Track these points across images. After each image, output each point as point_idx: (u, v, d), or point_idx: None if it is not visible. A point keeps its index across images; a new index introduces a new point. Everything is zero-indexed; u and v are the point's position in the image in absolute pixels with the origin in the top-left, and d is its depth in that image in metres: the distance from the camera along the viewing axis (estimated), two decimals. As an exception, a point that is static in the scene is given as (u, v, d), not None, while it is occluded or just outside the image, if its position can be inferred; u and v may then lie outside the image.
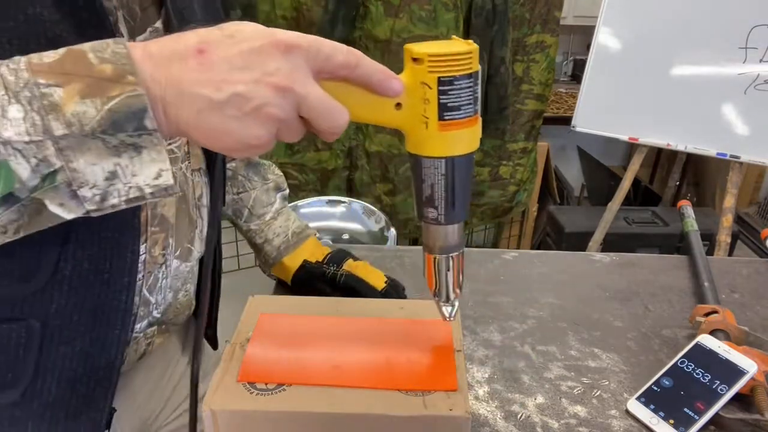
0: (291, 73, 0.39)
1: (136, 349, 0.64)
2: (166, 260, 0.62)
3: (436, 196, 0.47)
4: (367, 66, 0.42)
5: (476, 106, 0.45)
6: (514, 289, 0.94)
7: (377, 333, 0.60)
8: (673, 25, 1.88)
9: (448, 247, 0.51)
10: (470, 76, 0.44)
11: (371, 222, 1.95)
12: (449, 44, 0.44)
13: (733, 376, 0.69)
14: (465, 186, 0.48)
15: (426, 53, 0.43)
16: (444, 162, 0.46)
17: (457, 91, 0.43)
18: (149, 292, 0.62)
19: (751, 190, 3.34)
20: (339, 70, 0.41)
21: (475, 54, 0.44)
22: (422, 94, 0.44)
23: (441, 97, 0.43)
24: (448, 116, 0.44)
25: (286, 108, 0.39)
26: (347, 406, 0.51)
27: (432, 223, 0.50)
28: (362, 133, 2.19)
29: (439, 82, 0.43)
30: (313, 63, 0.40)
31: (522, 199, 2.57)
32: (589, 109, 2.05)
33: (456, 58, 0.43)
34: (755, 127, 1.81)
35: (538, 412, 0.69)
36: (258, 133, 0.39)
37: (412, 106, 0.45)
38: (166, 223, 0.60)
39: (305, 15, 1.95)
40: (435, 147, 0.46)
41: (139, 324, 0.62)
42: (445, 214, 0.49)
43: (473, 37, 2.06)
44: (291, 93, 0.39)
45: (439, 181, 0.47)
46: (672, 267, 1.02)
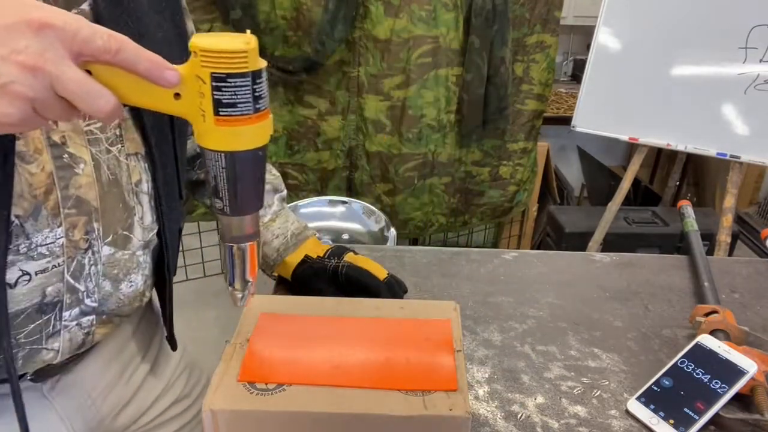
0: (42, 53, 0.39)
1: (70, 339, 0.62)
2: (91, 246, 0.60)
3: (220, 187, 0.48)
4: (130, 53, 0.42)
5: (258, 104, 0.45)
6: (514, 289, 0.94)
7: (377, 333, 0.60)
8: (673, 25, 1.88)
9: (237, 238, 0.52)
10: (246, 74, 0.43)
11: (371, 222, 1.95)
12: (229, 40, 0.43)
13: (733, 376, 0.69)
14: (250, 180, 0.48)
15: (198, 47, 0.42)
16: (224, 156, 0.46)
17: (232, 88, 0.43)
18: (74, 278, 0.59)
19: (751, 190, 3.34)
20: (100, 55, 0.41)
21: (252, 53, 0.43)
22: (198, 87, 0.43)
23: (215, 93, 0.43)
24: (224, 112, 0.44)
25: (36, 87, 0.39)
26: (347, 406, 0.51)
27: (219, 213, 0.50)
28: (362, 133, 2.19)
29: (212, 77, 0.43)
30: (71, 45, 0.40)
31: (522, 199, 2.57)
32: (589, 109, 2.05)
33: (228, 55, 0.42)
34: (755, 127, 1.81)
35: (538, 412, 0.69)
36: (6, 110, 0.39)
37: (191, 98, 0.44)
38: (86, 206, 0.58)
39: (305, 15, 1.95)
40: (213, 140, 0.46)
41: (68, 312, 0.60)
42: (230, 206, 0.49)
43: (473, 37, 2.07)
44: (41, 72, 0.39)
45: (221, 173, 0.47)
46: (672, 267, 1.02)
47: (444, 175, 2.32)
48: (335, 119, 2.15)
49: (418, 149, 2.22)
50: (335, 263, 0.83)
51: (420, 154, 2.24)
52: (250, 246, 0.53)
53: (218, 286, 0.72)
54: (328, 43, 1.96)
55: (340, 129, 2.17)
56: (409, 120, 2.16)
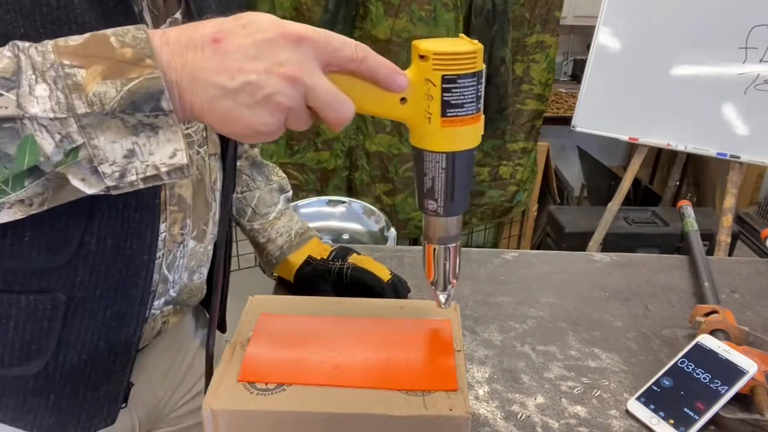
0: (300, 64, 0.41)
1: (153, 327, 0.67)
2: (183, 239, 0.65)
3: (437, 188, 0.49)
4: (373, 61, 0.44)
5: (479, 104, 0.46)
6: (514, 289, 0.94)
7: (377, 333, 0.60)
8: (673, 25, 1.88)
9: (447, 238, 0.53)
10: (474, 75, 0.45)
11: (371, 222, 1.95)
12: (455, 43, 0.45)
13: (733, 376, 0.69)
14: (465, 180, 0.49)
15: (431, 51, 0.44)
16: (445, 156, 0.47)
17: (460, 89, 0.44)
18: (168, 269, 0.64)
19: (751, 190, 3.34)
20: (347, 64, 0.43)
21: (480, 53, 0.45)
22: (426, 90, 0.45)
23: (444, 95, 0.44)
24: (451, 113, 0.45)
25: (294, 97, 0.41)
26: (347, 406, 0.51)
27: (432, 215, 0.51)
28: (362, 133, 2.19)
29: (443, 79, 0.44)
30: (322, 55, 0.42)
31: (522, 199, 2.57)
32: (589, 109, 2.05)
33: (460, 56, 0.44)
34: (755, 127, 1.81)
35: (538, 412, 0.69)
36: (267, 120, 0.41)
37: (417, 101, 0.45)
38: (184, 203, 0.63)
39: (305, 15, 1.95)
40: (437, 142, 0.46)
41: (158, 301, 0.65)
42: (444, 207, 0.50)
43: (473, 37, 2.07)
44: (299, 83, 0.41)
45: (440, 174, 0.48)
46: (672, 267, 1.02)
47: (444, 175, 2.32)
48: (335, 119, 2.15)
49: (418, 149, 2.22)
50: (339, 265, 0.84)
51: (420, 154, 2.24)
52: (454, 247, 0.53)
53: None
54: (328, 43, 1.96)
55: (340, 129, 2.17)
56: (409, 120, 2.16)
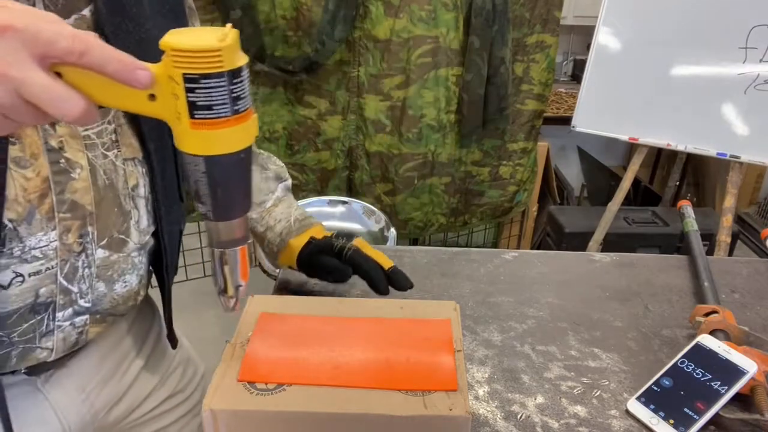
0: (4, 57, 0.37)
1: (64, 338, 0.63)
2: (85, 249, 0.60)
3: (201, 192, 0.45)
4: (97, 54, 0.39)
5: (236, 106, 0.42)
6: (514, 289, 0.94)
7: (377, 333, 0.60)
8: (673, 25, 1.88)
9: (224, 242, 0.50)
10: (222, 75, 0.40)
11: (371, 222, 1.95)
12: (202, 37, 0.40)
13: (733, 376, 0.69)
14: (233, 184, 0.45)
15: (169, 46, 0.39)
16: (203, 160, 0.43)
17: (206, 89, 0.40)
18: (67, 280, 0.60)
19: (751, 190, 3.34)
20: (65, 57, 0.39)
21: (228, 51, 0.40)
22: (172, 88, 0.41)
23: (189, 95, 0.40)
24: (200, 115, 0.41)
25: (1, 94, 0.38)
26: (347, 406, 0.51)
27: (205, 218, 0.48)
28: (362, 133, 2.19)
29: (185, 78, 0.40)
30: (33, 47, 0.38)
31: (522, 199, 2.57)
32: (589, 109, 2.05)
33: (201, 54, 0.39)
34: (755, 127, 1.81)
35: (538, 412, 0.69)
36: None
37: (166, 99, 0.41)
38: (81, 210, 0.59)
39: (305, 15, 1.95)
40: (191, 144, 0.43)
41: (62, 312, 0.61)
42: (214, 211, 0.47)
43: (473, 37, 2.07)
44: (4, 78, 0.37)
45: (201, 178, 0.44)
46: (672, 267, 1.02)
47: (444, 175, 2.32)
48: (335, 119, 2.15)
49: (418, 149, 2.22)
50: (342, 243, 0.79)
51: (420, 154, 2.24)
52: (240, 250, 0.51)
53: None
54: (328, 43, 1.96)
55: (340, 129, 2.17)
56: (409, 120, 2.16)
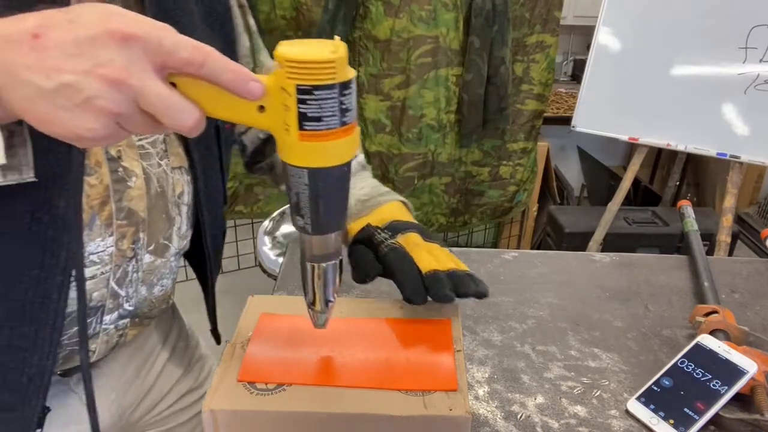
0: (127, 66, 0.37)
1: (107, 341, 0.65)
2: (136, 254, 0.62)
3: (302, 205, 0.45)
4: (215, 65, 0.39)
5: (345, 117, 0.42)
6: (514, 289, 0.94)
7: (377, 333, 0.60)
8: (673, 25, 1.88)
9: (317, 257, 0.49)
10: (333, 86, 0.40)
11: (371, 222, 1.94)
12: (316, 49, 0.41)
13: (733, 376, 0.69)
14: (335, 198, 0.45)
15: (284, 57, 0.40)
16: (307, 172, 0.43)
17: (318, 101, 0.40)
18: (118, 285, 0.62)
19: (751, 190, 3.34)
20: (184, 67, 0.39)
21: (341, 63, 0.40)
22: (283, 99, 0.41)
23: (300, 106, 0.40)
24: (309, 126, 0.41)
25: (119, 102, 0.37)
26: (347, 406, 0.51)
27: (301, 231, 0.48)
28: (362, 133, 2.19)
29: (298, 90, 0.40)
30: (153, 56, 0.38)
31: (522, 199, 2.57)
32: (589, 109, 2.05)
33: (315, 66, 0.39)
34: (755, 127, 1.81)
35: (538, 412, 0.69)
36: (90, 125, 0.38)
37: (275, 110, 0.42)
38: (135, 217, 0.60)
39: (305, 15, 1.95)
40: (297, 156, 0.43)
41: (108, 316, 0.63)
42: (312, 224, 0.46)
43: (473, 37, 2.07)
44: (125, 86, 0.37)
45: (304, 190, 0.44)
46: (672, 267, 1.02)
47: (444, 175, 2.32)
48: (335, 119, 2.15)
49: (418, 149, 2.22)
50: (382, 239, 0.67)
51: (420, 154, 2.24)
52: (332, 265, 0.50)
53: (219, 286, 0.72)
54: (328, 43, 1.96)
55: (340, 129, 2.17)
56: (409, 120, 2.16)
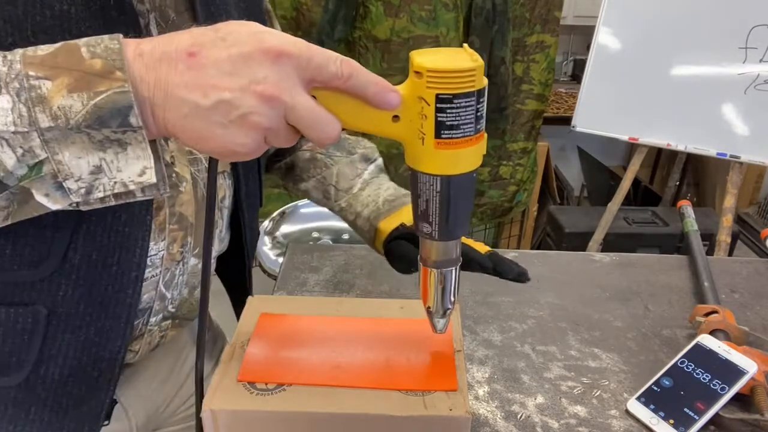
0: (279, 82, 0.38)
1: (149, 341, 0.66)
2: (183, 258, 0.64)
3: (431, 212, 0.46)
4: (361, 77, 0.41)
5: (479, 125, 0.43)
6: (514, 289, 0.94)
7: (377, 333, 0.60)
8: (673, 25, 1.88)
9: (442, 262, 0.50)
10: (472, 94, 0.41)
11: (371, 222, 1.94)
12: (454, 57, 0.42)
13: (733, 376, 0.69)
14: (463, 204, 0.46)
15: (426, 67, 0.40)
16: (440, 180, 0.44)
17: (457, 109, 0.41)
18: (165, 287, 0.63)
19: (751, 190, 3.34)
20: (331, 81, 0.40)
21: (480, 71, 0.41)
22: (420, 109, 0.42)
23: (438, 115, 0.41)
24: (446, 134, 0.42)
25: (272, 117, 0.39)
26: (347, 406, 0.51)
27: (427, 237, 0.48)
28: (362, 133, 2.18)
29: (437, 99, 0.41)
30: (304, 72, 0.39)
31: (522, 199, 2.57)
32: (589, 109, 2.05)
33: (457, 74, 0.40)
34: (755, 127, 1.81)
35: (538, 412, 0.69)
36: (243, 140, 0.39)
37: (410, 119, 0.42)
38: (185, 221, 0.62)
39: (305, 15, 1.95)
40: (431, 164, 0.43)
41: (155, 317, 0.64)
42: (440, 231, 0.47)
43: (473, 37, 2.06)
44: (278, 102, 0.39)
45: (434, 197, 0.45)
46: (672, 267, 1.02)
47: (444, 175, 2.32)
48: (335, 119, 2.15)
49: (418, 149, 2.22)
50: None
51: (420, 154, 2.24)
52: (451, 271, 0.51)
53: (218, 286, 0.71)
54: (328, 43, 1.96)
55: (340, 129, 2.17)
56: (409, 120, 2.16)
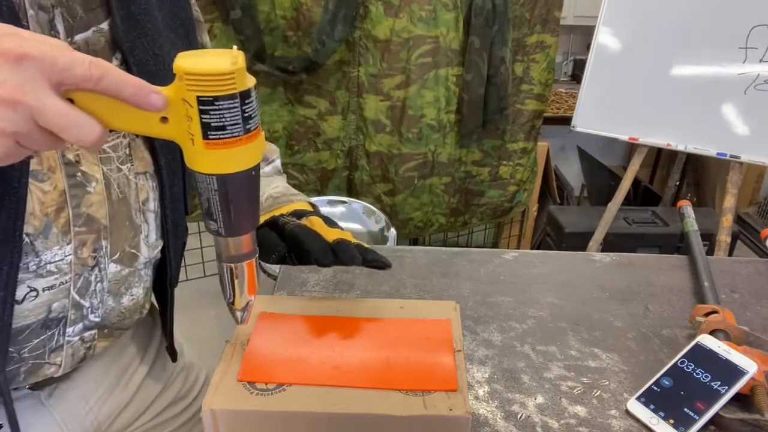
0: (21, 86, 0.37)
1: (73, 353, 0.63)
2: (98, 263, 0.60)
3: (213, 210, 0.46)
4: (113, 79, 0.40)
5: (248, 125, 0.43)
6: (514, 289, 0.94)
7: (377, 333, 0.60)
8: (673, 25, 1.88)
9: (233, 257, 0.51)
10: (234, 96, 0.41)
11: (371, 222, 1.96)
12: (215, 60, 0.42)
13: (733, 376, 0.69)
14: (244, 201, 0.47)
15: (183, 70, 0.41)
16: (215, 179, 0.44)
17: (220, 111, 0.41)
18: (80, 295, 0.60)
19: (751, 190, 3.34)
20: (82, 83, 0.39)
21: (240, 73, 0.41)
22: (185, 110, 0.42)
23: (203, 116, 0.41)
24: (213, 135, 0.42)
25: (17, 121, 0.37)
26: (347, 406, 0.51)
27: (215, 234, 0.49)
28: (362, 133, 2.19)
29: (199, 101, 0.41)
30: (49, 75, 0.38)
31: (522, 199, 2.57)
32: (589, 109, 2.05)
33: (214, 78, 0.40)
34: (755, 127, 1.81)
35: (538, 412, 0.69)
36: None
37: (178, 121, 0.43)
38: (95, 224, 0.59)
39: (305, 15, 1.95)
40: (204, 164, 0.44)
41: (72, 327, 0.61)
42: (225, 227, 0.48)
43: (473, 37, 2.07)
44: (21, 106, 0.37)
45: (214, 196, 0.45)
46: (672, 267, 1.02)
47: (444, 175, 2.32)
48: (335, 119, 2.15)
49: (418, 149, 2.22)
50: (285, 221, 0.70)
51: (420, 154, 2.24)
52: (248, 264, 0.52)
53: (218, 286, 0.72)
54: (328, 43, 1.96)
55: (340, 129, 2.17)
56: (409, 120, 2.16)
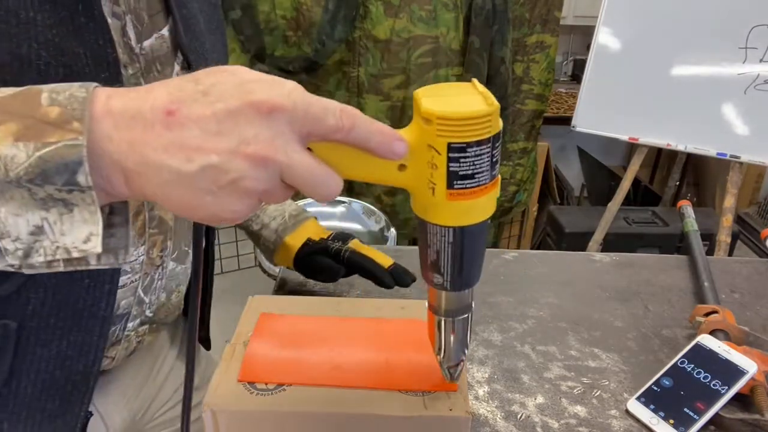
0: (272, 141, 0.34)
1: (126, 347, 0.65)
2: (163, 262, 0.63)
3: (442, 263, 0.42)
4: (363, 128, 0.37)
5: (494, 171, 0.39)
6: (514, 289, 0.94)
7: (377, 333, 0.60)
8: (673, 25, 1.88)
9: (454, 311, 0.47)
10: (487, 141, 0.37)
11: (371, 222, 1.95)
12: (466, 100, 0.38)
13: (733, 376, 0.69)
14: (476, 253, 0.43)
15: (435, 114, 0.36)
16: (452, 231, 0.40)
17: (471, 158, 0.37)
18: (144, 292, 0.62)
19: (751, 190, 3.34)
20: (331, 135, 0.36)
21: (495, 114, 0.37)
22: (429, 157, 0.37)
23: (451, 165, 0.37)
24: (459, 185, 0.38)
25: (266, 180, 0.35)
26: (347, 406, 0.51)
27: (438, 288, 0.45)
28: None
29: (449, 148, 0.37)
30: (300, 127, 0.35)
31: (522, 199, 2.57)
32: (589, 109, 2.05)
33: (472, 121, 0.36)
34: (755, 127, 1.81)
35: (538, 412, 0.69)
36: (234, 207, 0.35)
37: (418, 168, 0.38)
38: (165, 225, 0.61)
39: (305, 15, 1.95)
40: (443, 215, 0.40)
41: (132, 323, 0.63)
42: (452, 282, 0.44)
43: (473, 37, 2.06)
44: (272, 163, 0.34)
45: (446, 248, 0.41)
46: (672, 267, 1.02)
47: (444, 175, 2.32)
48: (335, 119, 2.15)
49: (418, 149, 2.22)
50: (338, 246, 0.79)
51: (420, 154, 2.24)
52: (466, 319, 0.48)
53: (217, 286, 0.72)
54: (328, 43, 1.96)
55: (340, 129, 2.17)
56: (409, 120, 2.15)
